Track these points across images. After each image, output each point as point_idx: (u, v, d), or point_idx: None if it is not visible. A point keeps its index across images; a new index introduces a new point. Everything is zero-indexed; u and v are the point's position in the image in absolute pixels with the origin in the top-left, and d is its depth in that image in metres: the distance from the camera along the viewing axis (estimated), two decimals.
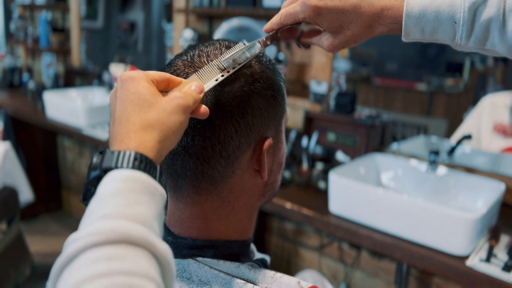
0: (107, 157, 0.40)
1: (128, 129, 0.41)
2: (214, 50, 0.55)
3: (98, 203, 0.37)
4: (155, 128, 0.42)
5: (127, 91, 0.44)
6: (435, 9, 0.52)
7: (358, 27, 0.54)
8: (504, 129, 1.59)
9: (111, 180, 0.38)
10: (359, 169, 1.55)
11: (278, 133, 0.59)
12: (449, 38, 0.53)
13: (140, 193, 0.38)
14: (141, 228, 0.35)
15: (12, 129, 3.09)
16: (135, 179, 0.38)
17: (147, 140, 0.41)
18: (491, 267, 1.14)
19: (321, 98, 1.88)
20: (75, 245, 0.34)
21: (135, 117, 0.42)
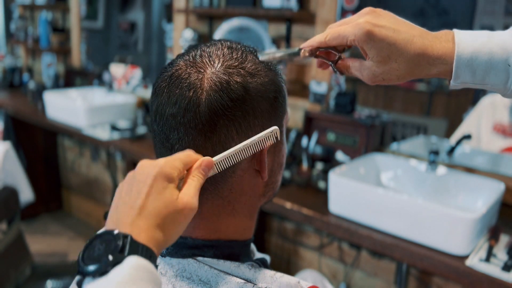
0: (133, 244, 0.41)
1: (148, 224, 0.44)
2: (216, 51, 0.56)
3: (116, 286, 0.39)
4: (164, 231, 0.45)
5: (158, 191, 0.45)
6: (488, 51, 0.50)
7: (405, 63, 0.53)
8: (503, 129, 1.59)
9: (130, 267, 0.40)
10: (359, 169, 1.55)
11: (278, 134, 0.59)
12: (501, 82, 0.51)
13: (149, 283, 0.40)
14: None
15: (12, 129, 3.09)
16: (147, 269, 0.41)
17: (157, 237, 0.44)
18: (491, 267, 1.14)
19: (321, 98, 1.88)
20: None
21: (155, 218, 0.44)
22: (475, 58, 0.51)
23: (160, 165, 0.46)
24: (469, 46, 0.51)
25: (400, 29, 0.53)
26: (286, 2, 1.86)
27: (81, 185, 3.32)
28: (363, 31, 0.52)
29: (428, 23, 1.70)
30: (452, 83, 0.53)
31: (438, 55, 0.52)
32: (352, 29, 0.53)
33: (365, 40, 0.53)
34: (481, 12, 1.58)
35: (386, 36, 0.52)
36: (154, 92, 0.57)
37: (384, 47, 0.53)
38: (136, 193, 0.45)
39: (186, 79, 0.53)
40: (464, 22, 1.63)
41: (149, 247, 0.42)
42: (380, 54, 0.53)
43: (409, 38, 0.52)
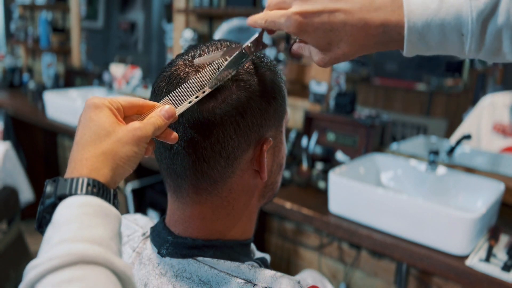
0: (60, 185, 0.41)
1: (81, 156, 0.43)
2: (216, 51, 0.55)
3: (54, 229, 0.38)
4: (107, 157, 0.43)
5: (89, 119, 0.45)
6: (440, 22, 0.47)
7: (349, 45, 0.49)
8: (503, 129, 1.59)
9: (66, 207, 0.39)
10: (359, 169, 1.55)
11: (278, 134, 0.59)
12: (457, 50, 0.49)
13: (95, 216, 0.39)
14: (97, 247, 0.36)
15: (12, 129, 3.09)
16: (88, 203, 0.39)
17: (99, 167, 0.42)
18: (491, 267, 1.14)
19: (321, 98, 1.88)
20: (35, 271, 0.35)
21: (90, 144, 0.43)
22: (427, 30, 0.47)
23: (90, 100, 0.46)
24: (419, 17, 0.47)
25: (335, 8, 0.48)
26: None
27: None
28: (294, 24, 0.49)
29: None
30: (405, 55, 0.50)
31: (385, 30, 0.48)
32: (285, 21, 0.50)
33: (299, 33, 0.50)
34: None
35: (320, 24, 0.48)
36: (153, 92, 0.57)
37: (321, 36, 0.49)
38: (75, 135, 0.45)
39: (184, 79, 0.53)
40: None
41: (86, 179, 0.41)
42: (320, 43, 0.50)
43: (345, 19, 0.48)
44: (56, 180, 0.42)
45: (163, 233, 0.58)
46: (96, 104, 0.45)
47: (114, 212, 0.41)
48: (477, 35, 0.46)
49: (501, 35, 0.46)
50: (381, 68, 1.86)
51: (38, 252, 0.38)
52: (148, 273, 0.56)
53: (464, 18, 0.46)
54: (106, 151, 0.43)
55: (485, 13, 0.45)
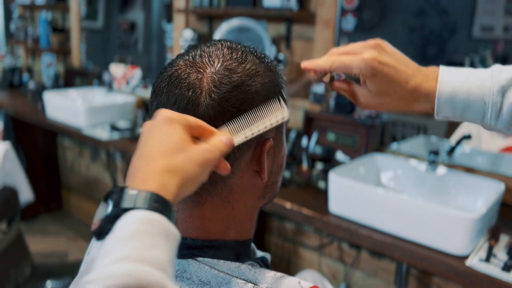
0: (127, 196, 0.40)
1: (151, 169, 0.42)
2: (216, 51, 0.55)
3: (115, 243, 0.37)
4: (178, 174, 0.43)
5: (162, 132, 0.45)
6: (466, 91, 0.55)
7: (398, 99, 0.58)
8: None
9: (131, 221, 0.38)
10: (359, 169, 1.55)
11: (278, 135, 0.59)
12: (479, 118, 0.56)
13: (157, 236, 0.38)
14: (156, 272, 0.36)
15: (12, 129, 3.09)
16: (153, 221, 0.39)
17: (167, 184, 0.42)
18: (491, 267, 1.14)
19: (321, 98, 1.88)
20: (92, 287, 0.34)
21: (162, 159, 0.43)
22: (454, 97, 0.56)
23: (164, 114, 0.47)
24: (449, 85, 0.56)
25: (399, 68, 0.58)
26: (286, 2, 1.86)
27: (81, 185, 3.31)
28: (369, 67, 0.57)
29: (428, 23, 1.70)
30: (436, 117, 0.59)
31: (424, 94, 0.58)
32: (358, 63, 0.57)
33: (369, 76, 0.58)
34: (481, 12, 1.58)
35: (387, 74, 0.57)
36: (153, 92, 0.57)
37: (384, 84, 0.58)
38: (141, 147, 0.45)
39: (185, 79, 0.53)
40: (464, 22, 1.63)
41: (155, 194, 0.40)
42: (380, 89, 0.58)
43: (406, 78, 0.58)
44: (123, 190, 0.41)
45: None
46: (169, 118, 0.46)
47: (175, 233, 0.41)
48: (496, 106, 0.54)
49: None
50: None
51: (93, 262, 0.37)
52: None
53: (487, 89, 0.54)
54: (177, 169, 0.43)
55: (506, 86, 0.54)
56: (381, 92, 0.59)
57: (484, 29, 1.58)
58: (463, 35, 1.64)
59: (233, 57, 0.55)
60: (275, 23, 2.03)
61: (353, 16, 1.80)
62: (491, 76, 0.55)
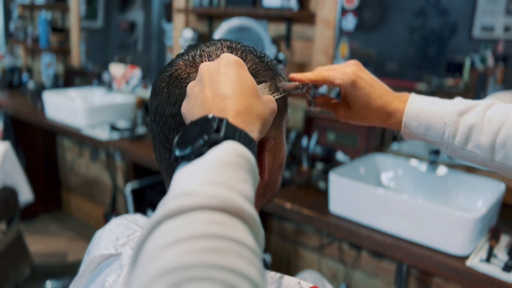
0: (228, 128, 0.40)
1: (239, 109, 0.43)
2: (216, 51, 0.55)
3: (211, 168, 0.37)
4: (260, 119, 0.45)
5: (239, 74, 0.46)
6: (430, 110, 0.63)
7: (371, 111, 0.66)
8: None
9: (228, 151, 0.39)
10: (359, 169, 1.55)
11: (279, 134, 0.59)
12: (439, 137, 0.63)
13: (249, 173, 0.39)
14: (251, 206, 0.36)
15: (12, 129, 3.08)
16: (248, 158, 0.40)
17: (254, 126, 0.44)
18: (491, 267, 1.13)
19: None
20: (189, 200, 0.34)
21: (247, 99, 0.44)
22: (419, 115, 0.63)
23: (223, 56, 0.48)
24: (416, 105, 0.64)
25: (375, 85, 0.66)
26: (286, 2, 1.86)
27: (80, 185, 3.31)
28: (349, 79, 0.65)
29: (428, 23, 1.70)
30: (403, 135, 0.66)
31: (395, 110, 0.65)
32: (340, 75, 0.65)
33: (349, 86, 0.65)
34: (481, 12, 1.58)
35: (364, 87, 0.65)
36: (153, 92, 0.56)
37: (361, 96, 0.65)
38: (213, 83, 0.45)
39: (185, 79, 0.53)
40: (464, 22, 1.62)
41: (248, 133, 0.41)
42: (357, 101, 0.66)
43: (380, 94, 0.66)
44: (223, 120, 0.41)
45: None
46: (239, 62, 0.48)
47: (258, 176, 0.42)
48: (454, 125, 0.61)
49: (471, 130, 0.60)
50: (381, 68, 1.86)
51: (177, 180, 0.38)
52: None
53: (448, 112, 0.62)
54: (259, 113, 0.45)
55: (463, 111, 0.61)
56: (358, 105, 0.66)
57: (484, 29, 1.58)
58: (463, 35, 1.64)
59: None
60: (275, 22, 2.03)
61: (353, 16, 1.79)
62: (453, 103, 0.63)
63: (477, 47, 1.59)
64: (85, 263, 0.66)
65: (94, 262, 0.64)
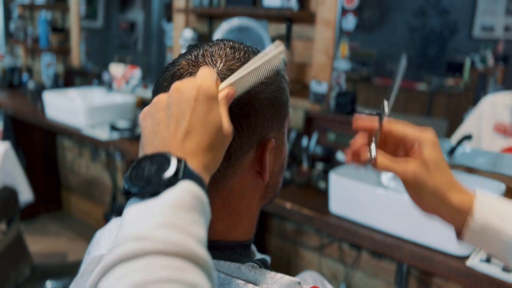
0: (186, 169, 0.40)
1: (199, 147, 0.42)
2: (219, 51, 0.55)
3: (169, 208, 0.37)
4: (215, 160, 0.45)
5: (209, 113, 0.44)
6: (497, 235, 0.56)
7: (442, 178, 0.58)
8: (504, 129, 1.59)
9: (185, 192, 0.39)
10: (359, 169, 1.55)
11: (280, 135, 0.59)
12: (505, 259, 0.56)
13: (202, 215, 0.39)
14: (203, 249, 0.37)
15: (12, 129, 3.08)
16: (201, 198, 0.40)
17: (208, 166, 0.43)
18: (492, 267, 1.13)
19: (321, 98, 1.88)
20: (143, 244, 0.34)
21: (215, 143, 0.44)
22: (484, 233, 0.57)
23: (203, 86, 0.44)
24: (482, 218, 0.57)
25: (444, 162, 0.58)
26: (286, 2, 1.86)
27: (80, 185, 3.31)
28: (432, 135, 0.58)
29: (428, 23, 1.70)
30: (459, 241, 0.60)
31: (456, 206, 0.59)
32: (421, 131, 0.58)
33: (431, 143, 0.57)
34: (481, 12, 1.58)
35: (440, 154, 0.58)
36: (155, 91, 0.56)
37: (441, 158, 0.57)
38: (180, 116, 0.43)
39: None
40: (464, 22, 1.62)
41: (201, 176, 0.41)
42: (436, 161, 0.57)
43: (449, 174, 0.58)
44: (181, 162, 0.40)
45: None
46: (213, 97, 0.45)
47: (209, 213, 0.41)
48: None
49: None
50: (381, 68, 1.86)
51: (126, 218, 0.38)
52: None
53: None
54: (219, 152, 0.45)
55: None
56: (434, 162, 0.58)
57: (484, 29, 1.58)
58: (463, 35, 1.64)
59: (235, 57, 0.54)
60: (275, 22, 2.03)
61: (354, 16, 1.79)
62: None
63: (477, 47, 1.59)
64: (85, 263, 0.66)
65: (95, 262, 0.63)
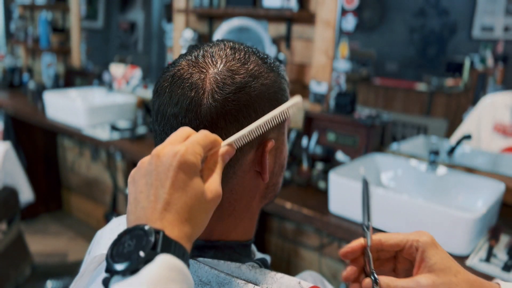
0: (164, 241, 0.40)
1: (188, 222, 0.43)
2: (219, 51, 0.55)
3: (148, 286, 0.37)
4: (196, 227, 0.44)
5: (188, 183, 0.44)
6: None
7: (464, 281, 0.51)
8: (504, 129, 1.59)
9: (163, 266, 0.39)
10: (359, 169, 1.55)
11: (280, 135, 0.59)
12: None
13: (180, 284, 0.39)
14: None
15: (12, 129, 3.09)
16: (180, 270, 0.40)
17: (189, 235, 0.43)
18: (491, 267, 1.14)
19: (321, 98, 1.88)
20: None
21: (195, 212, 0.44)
22: None
23: (181, 154, 0.43)
24: None
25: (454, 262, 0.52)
26: (286, 2, 1.86)
27: (81, 185, 3.31)
28: (429, 237, 0.53)
29: (428, 23, 1.70)
30: None
31: None
32: (415, 234, 0.53)
33: (430, 245, 0.52)
34: (481, 12, 1.58)
35: (446, 254, 0.52)
36: (155, 92, 0.56)
37: (446, 256, 0.52)
38: (159, 186, 0.43)
39: (188, 79, 0.53)
40: (464, 22, 1.63)
41: (181, 244, 0.41)
42: (443, 262, 0.52)
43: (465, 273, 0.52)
44: (161, 234, 0.40)
45: None
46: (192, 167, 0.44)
47: (190, 281, 0.41)
48: None
49: None
50: (381, 68, 1.86)
51: None
52: None
53: None
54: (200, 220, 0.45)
55: None
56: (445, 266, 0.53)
57: (484, 29, 1.58)
58: (463, 35, 1.64)
59: (236, 58, 0.54)
60: (275, 23, 2.03)
61: (353, 16, 1.80)
62: None
63: (477, 47, 1.59)
64: (86, 263, 0.66)
65: (95, 261, 0.64)
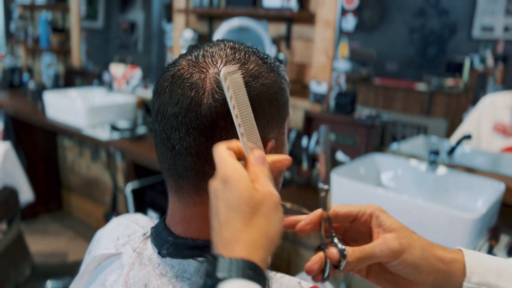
0: (221, 265, 0.40)
1: (235, 236, 0.42)
2: (219, 51, 0.55)
3: None
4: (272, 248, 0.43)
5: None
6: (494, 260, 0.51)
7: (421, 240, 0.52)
8: (504, 129, 1.59)
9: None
10: (359, 169, 1.55)
11: (280, 135, 0.59)
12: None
13: None
14: None
15: (12, 129, 3.09)
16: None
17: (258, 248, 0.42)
18: None
19: (321, 98, 1.88)
20: None
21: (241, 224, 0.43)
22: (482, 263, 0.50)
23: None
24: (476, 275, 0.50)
25: None
26: (286, 2, 1.86)
27: (81, 185, 3.31)
28: (378, 206, 0.55)
29: (428, 23, 1.70)
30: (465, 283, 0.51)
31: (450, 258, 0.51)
32: (364, 205, 0.55)
33: (381, 211, 0.55)
34: (481, 12, 1.58)
35: None
36: (156, 92, 0.56)
37: (398, 221, 0.54)
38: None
39: (188, 79, 0.53)
40: (464, 22, 1.63)
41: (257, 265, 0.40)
42: (398, 223, 0.53)
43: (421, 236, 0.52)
44: (217, 259, 0.40)
45: (163, 233, 0.58)
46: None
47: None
48: None
49: None
50: (381, 68, 1.86)
51: None
52: (148, 273, 0.56)
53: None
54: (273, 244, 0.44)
55: None
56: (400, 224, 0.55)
57: (484, 29, 1.58)
58: (463, 35, 1.64)
59: (236, 58, 0.54)
60: (275, 23, 2.03)
61: (353, 16, 1.80)
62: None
63: (477, 47, 1.60)
64: (85, 263, 0.66)
65: (95, 261, 0.64)
